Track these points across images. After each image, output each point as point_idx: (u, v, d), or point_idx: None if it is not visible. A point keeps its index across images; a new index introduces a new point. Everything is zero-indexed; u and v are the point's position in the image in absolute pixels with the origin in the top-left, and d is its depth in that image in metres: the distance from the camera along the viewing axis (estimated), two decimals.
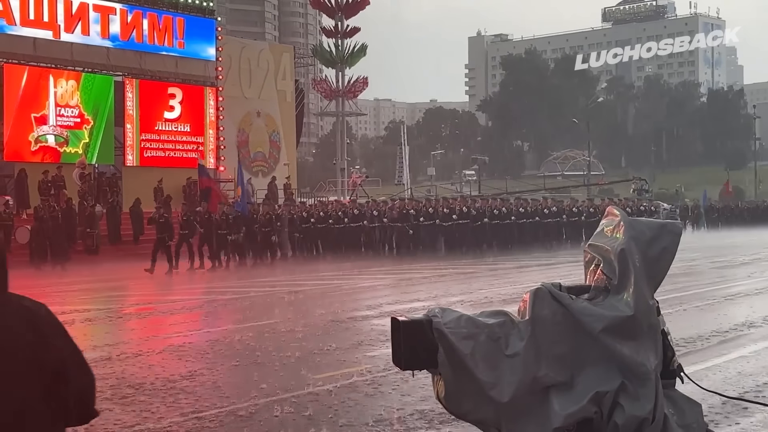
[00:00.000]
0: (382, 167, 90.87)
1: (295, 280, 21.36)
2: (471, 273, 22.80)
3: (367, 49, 52.50)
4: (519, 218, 31.62)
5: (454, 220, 29.99)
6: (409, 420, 7.38)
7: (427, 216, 29.95)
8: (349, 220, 29.68)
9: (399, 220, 29.73)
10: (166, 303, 17.40)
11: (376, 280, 21.23)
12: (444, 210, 30.30)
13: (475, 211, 30.71)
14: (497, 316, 3.51)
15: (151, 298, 18.91)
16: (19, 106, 31.29)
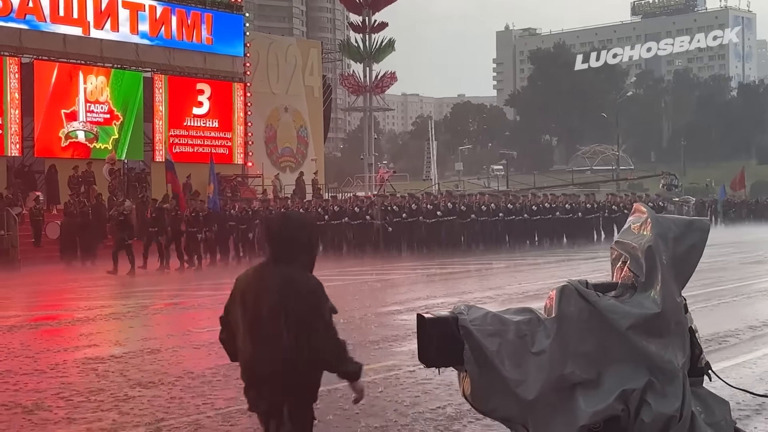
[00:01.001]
0: (409, 162, 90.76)
1: None
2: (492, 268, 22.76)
3: (395, 44, 52.47)
4: (508, 215, 30.46)
5: (438, 217, 28.67)
6: (434, 417, 7.38)
7: (410, 212, 28.60)
8: (330, 217, 28.37)
9: (379, 217, 28.29)
10: (193, 298, 17.51)
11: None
12: (428, 206, 29.12)
13: (465, 207, 29.48)
14: (523, 313, 3.51)
15: (171, 294, 19.01)
16: (50, 102, 31.54)
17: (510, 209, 30.71)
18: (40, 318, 15.19)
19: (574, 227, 32.49)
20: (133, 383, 8.83)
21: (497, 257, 26.39)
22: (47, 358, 10.50)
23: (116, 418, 7.51)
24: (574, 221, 32.36)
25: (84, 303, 16.45)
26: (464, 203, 29.93)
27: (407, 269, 23.27)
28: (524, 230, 31.14)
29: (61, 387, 8.79)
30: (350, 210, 28.85)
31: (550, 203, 32.17)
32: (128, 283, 20.80)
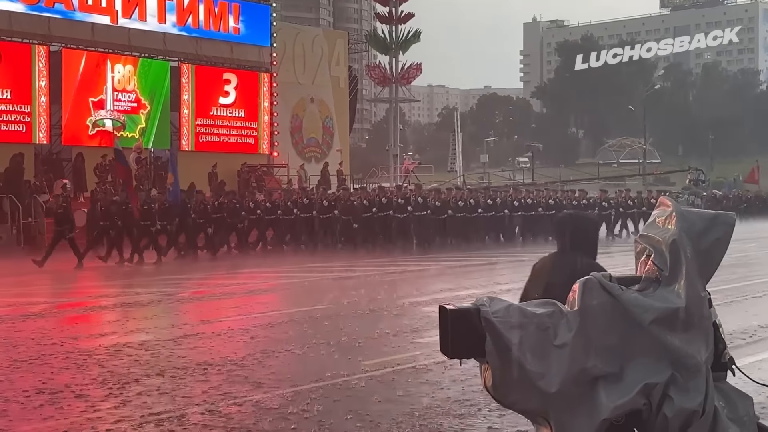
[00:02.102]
0: (434, 154, 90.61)
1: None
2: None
3: (421, 35, 52.37)
4: (487, 211, 28.74)
5: (410, 212, 26.86)
6: (456, 408, 7.39)
7: (381, 207, 27.01)
8: (299, 210, 26.90)
9: (345, 211, 26.82)
10: (229, 286, 17.59)
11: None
12: (398, 200, 27.25)
13: (440, 203, 27.81)
14: (546, 306, 3.50)
15: (209, 282, 19.10)
16: (77, 90, 31.75)
17: (490, 205, 29.05)
18: (66, 305, 15.33)
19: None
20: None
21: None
22: (74, 344, 10.61)
23: (142, 403, 7.58)
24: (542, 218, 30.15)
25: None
26: (440, 198, 28.15)
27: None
28: (503, 226, 29.62)
29: (90, 373, 8.88)
30: (318, 203, 27.15)
31: (533, 199, 30.59)
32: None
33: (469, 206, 28.43)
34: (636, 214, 32.23)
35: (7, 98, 29.76)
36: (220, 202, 26.19)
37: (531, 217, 29.81)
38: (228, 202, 26.31)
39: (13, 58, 30.00)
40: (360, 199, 27.49)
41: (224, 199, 26.48)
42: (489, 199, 29.41)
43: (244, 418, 7.11)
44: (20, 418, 7.22)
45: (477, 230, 28.86)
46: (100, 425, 6.95)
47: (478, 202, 28.84)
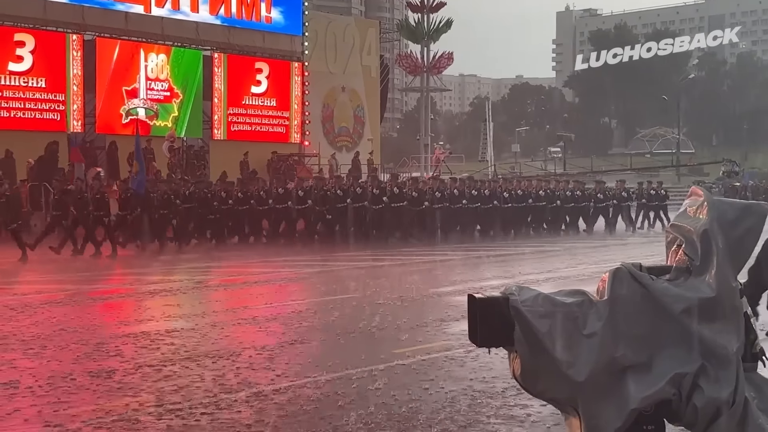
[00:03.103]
0: (466, 143, 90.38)
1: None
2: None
3: (453, 24, 52.18)
4: (472, 202, 27.30)
5: (385, 203, 25.67)
6: (484, 396, 7.40)
7: (355, 197, 25.75)
8: (274, 201, 25.57)
9: (319, 202, 25.55)
10: (256, 275, 17.68)
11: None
12: (374, 191, 26.08)
13: (417, 193, 26.53)
14: (575, 295, 3.50)
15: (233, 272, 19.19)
16: (111, 79, 31.97)
17: (474, 196, 27.52)
18: (95, 293, 15.47)
19: (550, 216, 29.59)
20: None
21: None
22: (103, 331, 10.73)
23: (172, 389, 7.65)
24: (552, 210, 29.39)
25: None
26: (416, 189, 26.78)
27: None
28: (489, 219, 27.96)
29: (125, 359, 8.98)
30: (295, 195, 25.66)
31: (523, 190, 29.22)
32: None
33: (448, 197, 26.97)
34: (658, 206, 31.27)
35: (41, 87, 30.04)
36: (190, 192, 24.97)
37: (522, 208, 28.57)
38: (199, 192, 25.19)
39: (47, 46, 30.26)
40: (334, 188, 26.14)
41: (195, 189, 25.33)
42: (474, 190, 27.86)
43: (277, 406, 7.16)
44: (61, 401, 7.31)
45: (459, 223, 27.34)
46: (138, 410, 7.03)
47: (462, 193, 27.37)
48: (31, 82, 29.82)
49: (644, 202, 31.49)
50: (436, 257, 21.99)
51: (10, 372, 8.42)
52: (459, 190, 27.50)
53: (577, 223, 30.14)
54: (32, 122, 29.79)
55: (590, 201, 30.30)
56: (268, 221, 25.77)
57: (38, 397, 7.44)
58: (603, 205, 30.54)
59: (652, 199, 31.43)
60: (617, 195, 30.96)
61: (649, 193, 31.70)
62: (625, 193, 31.21)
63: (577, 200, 30.14)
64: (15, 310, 12.46)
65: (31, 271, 18.58)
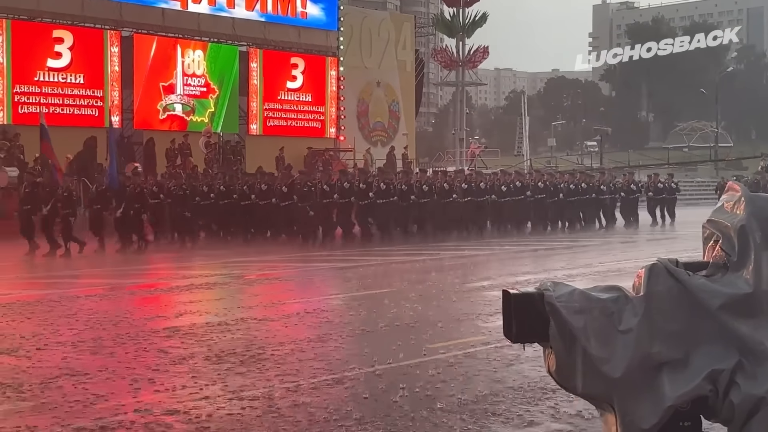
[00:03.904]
0: (501, 138, 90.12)
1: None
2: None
3: (488, 18, 52.00)
4: (464, 196, 26.32)
5: (371, 198, 24.78)
6: (519, 392, 7.39)
7: (342, 192, 24.82)
8: (256, 196, 24.71)
9: (303, 198, 24.48)
10: (287, 270, 17.77)
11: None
12: (360, 185, 25.30)
13: (405, 187, 25.60)
14: (611, 291, 3.48)
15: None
16: (148, 75, 32.26)
17: (465, 189, 26.40)
18: (131, 286, 15.63)
19: (547, 211, 28.55)
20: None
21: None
22: (142, 325, 10.84)
23: (212, 384, 7.72)
24: (553, 204, 28.39)
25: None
26: (405, 183, 25.81)
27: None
28: (479, 213, 26.99)
29: (168, 353, 9.07)
30: (278, 190, 24.89)
31: (522, 182, 28.21)
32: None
33: (437, 191, 25.88)
34: (664, 200, 30.46)
35: (80, 83, 30.39)
36: (167, 187, 24.15)
37: (521, 202, 27.56)
38: (176, 188, 24.19)
39: (86, 43, 30.61)
40: (320, 183, 25.18)
41: (172, 185, 24.40)
42: (464, 183, 26.76)
43: (308, 401, 7.20)
44: (106, 393, 7.41)
45: (450, 218, 26.05)
46: (181, 402, 7.11)
47: (453, 187, 26.30)
48: (70, 78, 30.17)
49: (651, 196, 30.55)
50: (470, 252, 21.96)
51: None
52: (449, 184, 26.48)
53: (579, 216, 29.02)
54: (71, 118, 30.15)
55: (593, 194, 29.20)
56: (252, 217, 24.65)
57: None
58: (607, 197, 29.60)
59: (660, 192, 30.47)
60: (625, 188, 30.16)
61: (656, 186, 30.69)
62: (633, 186, 30.39)
63: (581, 193, 29.08)
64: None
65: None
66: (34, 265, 19.31)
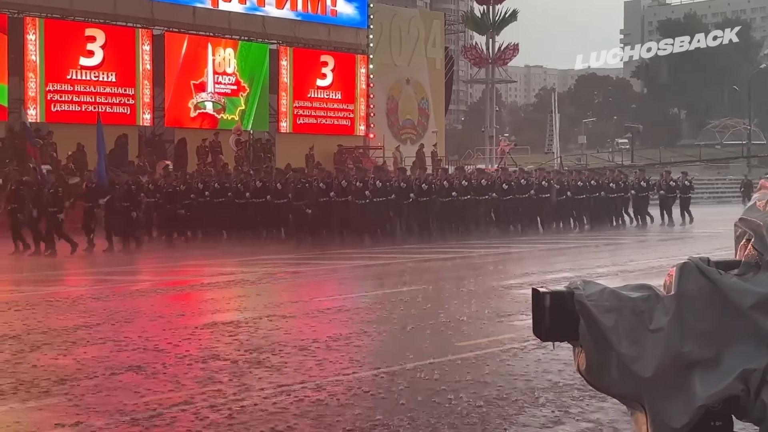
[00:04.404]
0: (531, 135, 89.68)
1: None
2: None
3: (519, 14, 51.79)
4: (462, 194, 25.35)
5: (367, 197, 23.76)
6: (549, 391, 7.37)
7: (339, 191, 23.90)
8: (251, 194, 24.07)
9: (297, 196, 23.66)
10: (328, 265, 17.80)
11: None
12: (357, 183, 24.21)
13: (404, 184, 24.73)
14: (641, 289, 3.46)
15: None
16: (180, 73, 32.47)
17: (465, 187, 25.53)
18: (168, 283, 15.74)
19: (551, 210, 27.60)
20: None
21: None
22: (179, 322, 10.92)
23: (245, 380, 7.77)
24: (558, 203, 27.51)
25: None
26: (404, 180, 25.04)
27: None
28: (479, 211, 26.16)
29: (204, 348, 9.13)
30: (272, 187, 24.28)
31: (527, 179, 27.32)
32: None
33: (442, 189, 25.07)
34: (675, 198, 29.49)
35: (112, 81, 30.64)
36: (158, 184, 23.57)
37: (525, 200, 26.68)
38: (167, 184, 23.57)
39: (117, 41, 30.86)
40: (317, 181, 24.29)
41: (164, 182, 23.80)
42: (464, 181, 25.89)
43: (337, 397, 7.22)
44: (146, 387, 7.49)
45: (447, 216, 25.32)
46: (219, 396, 7.17)
47: (452, 185, 25.43)
48: (102, 76, 30.42)
49: (663, 194, 29.58)
50: (502, 250, 21.89)
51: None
52: (449, 182, 25.60)
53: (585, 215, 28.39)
54: (103, 116, 30.29)
55: (602, 192, 28.38)
56: (245, 216, 24.02)
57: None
58: (615, 196, 28.73)
59: (672, 191, 29.60)
60: (636, 186, 29.28)
61: (668, 184, 29.77)
62: (644, 183, 29.45)
63: (590, 191, 28.34)
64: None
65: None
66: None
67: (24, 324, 10.65)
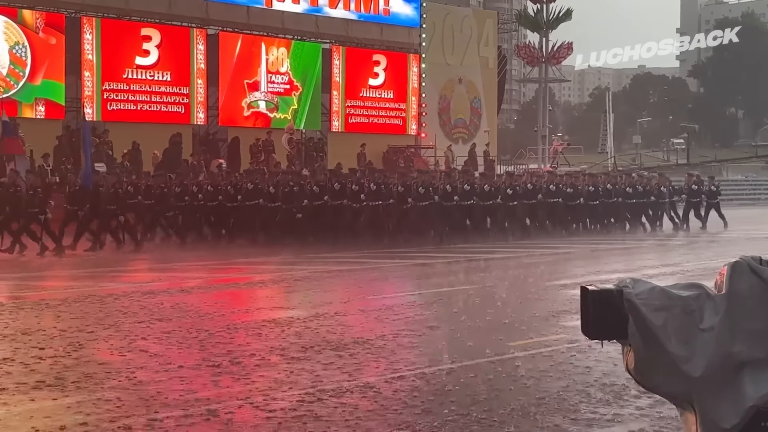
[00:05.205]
0: (585, 135, 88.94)
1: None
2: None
3: (573, 13, 51.38)
4: (465, 199, 24.12)
5: (362, 201, 22.83)
6: (597, 390, 7.32)
7: (333, 194, 23.00)
8: (243, 197, 23.20)
9: (286, 199, 22.77)
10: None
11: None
12: (353, 187, 23.19)
13: (402, 188, 23.58)
14: (692, 288, 3.43)
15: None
16: (233, 72, 32.75)
17: (466, 191, 24.20)
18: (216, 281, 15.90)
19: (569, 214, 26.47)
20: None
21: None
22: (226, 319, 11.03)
23: (288, 376, 7.83)
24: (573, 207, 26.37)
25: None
26: (402, 184, 23.80)
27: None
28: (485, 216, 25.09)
29: (254, 345, 9.22)
30: (264, 190, 23.22)
31: (533, 184, 26.15)
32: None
33: (446, 192, 23.83)
34: (698, 203, 28.09)
35: (167, 80, 31.00)
36: (147, 185, 22.92)
37: (534, 205, 25.57)
38: (155, 186, 22.90)
39: (172, 41, 31.21)
40: (310, 184, 23.28)
41: (152, 183, 23.14)
42: (466, 184, 24.53)
43: (391, 396, 7.24)
44: (197, 384, 7.58)
45: (446, 220, 24.06)
46: (271, 393, 7.24)
47: (455, 189, 24.18)
48: (157, 75, 30.79)
49: (686, 198, 28.23)
50: (552, 251, 21.78)
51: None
52: (452, 186, 24.28)
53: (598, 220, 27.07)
54: (158, 115, 30.79)
55: (619, 197, 27.14)
56: (231, 218, 23.29)
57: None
58: (635, 202, 27.47)
59: (695, 195, 28.19)
60: (655, 191, 27.88)
61: (690, 187, 28.36)
62: (664, 188, 28.08)
63: (603, 196, 26.97)
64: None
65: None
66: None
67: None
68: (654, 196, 27.91)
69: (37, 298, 12.91)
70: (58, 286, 14.81)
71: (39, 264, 17.98)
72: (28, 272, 16.62)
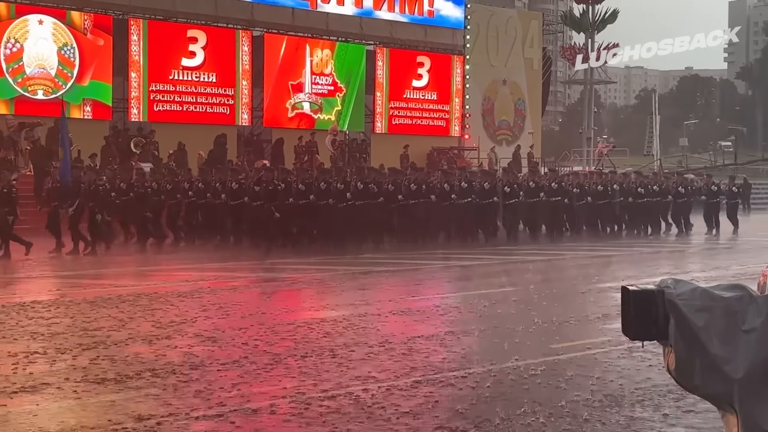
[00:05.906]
0: (630, 137, 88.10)
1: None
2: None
3: (619, 14, 50.99)
4: (462, 197, 23.61)
5: (348, 199, 22.01)
6: (640, 392, 7.28)
7: (319, 194, 22.13)
8: (227, 196, 22.37)
9: (267, 197, 21.80)
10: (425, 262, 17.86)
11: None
12: (338, 185, 22.36)
13: (393, 187, 22.99)
14: (734, 290, 3.41)
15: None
16: (278, 74, 32.94)
17: (464, 189, 23.65)
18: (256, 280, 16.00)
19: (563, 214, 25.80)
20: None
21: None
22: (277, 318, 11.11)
23: (327, 375, 7.87)
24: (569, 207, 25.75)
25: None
26: (392, 183, 23.06)
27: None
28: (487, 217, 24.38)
29: (308, 343, 9.28)
30: (249, 189, 22.30)
31: (536, 182, 25.62)
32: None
33: (442, 191, 23.33)
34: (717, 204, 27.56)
35: (212, 81, 31.27)
36: (130, 183, 22.29)
37: (534, 204, 24.93)
38: (139, 185, 22.30)
39: (218, 42, 31.48)
40: (296, 182, 22.52)
41: (136, 181, 22.57)
42: (464, 182, 23.83)
43: (429, 396, 7.26)
44: (246, 382, 7.66)
45: (444, 220, 23.64)
46: (324, 390, 7.30)
47: (452, 187, 23.58)
48: (203, 77, 31.07)
49: (705, 200, 27.57)
50: (589, 253, 21.62)
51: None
52: (450, 184, 23.75)
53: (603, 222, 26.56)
54: (203, 116, 31.07)
55: (630, 197, 26.54)
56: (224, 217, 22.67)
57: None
58: (646, 201, 26.74)
59: (714, 196, 27.53)
60: (673, 191, 27.34)
61: (709, 189, 27.71)
62: (682, 189, 27.49)
63: (611, 196, 26.46)
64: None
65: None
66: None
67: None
68: (672, 195, 27.44)
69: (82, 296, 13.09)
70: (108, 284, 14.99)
71: (82, 262, 18.24)
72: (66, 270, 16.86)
